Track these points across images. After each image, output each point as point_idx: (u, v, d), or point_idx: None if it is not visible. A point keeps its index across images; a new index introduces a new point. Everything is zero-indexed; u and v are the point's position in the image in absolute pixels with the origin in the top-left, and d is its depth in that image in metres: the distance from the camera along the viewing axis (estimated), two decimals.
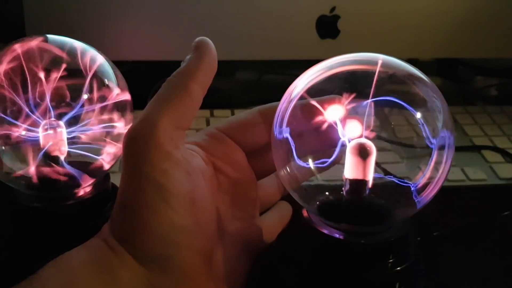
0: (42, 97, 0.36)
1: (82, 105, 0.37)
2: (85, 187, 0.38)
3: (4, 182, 0.38)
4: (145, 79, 0.61)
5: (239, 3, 0.66)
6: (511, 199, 0.53)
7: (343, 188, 0.34)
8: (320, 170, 0.35)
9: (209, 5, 0.65)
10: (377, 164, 0.33)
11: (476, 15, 0.69)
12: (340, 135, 0.33)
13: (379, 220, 0.34)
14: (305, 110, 0.34)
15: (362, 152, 0.32)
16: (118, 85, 0.38)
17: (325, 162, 0.34)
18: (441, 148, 0.33)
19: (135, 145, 0.32)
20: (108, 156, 0.39)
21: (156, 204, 0.31)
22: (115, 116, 0.38)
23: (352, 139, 0.33)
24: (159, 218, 0.31)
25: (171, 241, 0.31)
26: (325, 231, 0.32)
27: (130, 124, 0.39)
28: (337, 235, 0.32)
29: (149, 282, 0.31)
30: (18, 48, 0.37)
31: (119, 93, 0.38)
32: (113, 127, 0.38)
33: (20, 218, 0.37)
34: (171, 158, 0.32)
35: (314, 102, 0.33)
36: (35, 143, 0.37)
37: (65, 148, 0.37)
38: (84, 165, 0.38)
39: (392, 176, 0.34)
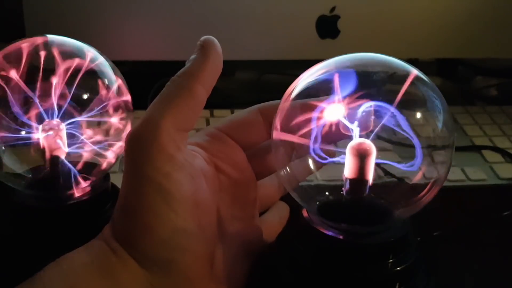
0: (42, 97, 0.36)
1: (83, 106, 0.37)
2: (85, 187, 0.38)
3: (4, 182, 0.38)
4: (145, 79, 0.61)
5: (239, 3, 0.66)
6: (511, 199, 0.53)
7: (343, 188, 0.34)
8: (318, 167, 0.35)
9: (209, 5, 0.65)
10: (377, 164, 0.33)
11: (476, 15, 0.69)
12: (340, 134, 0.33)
13: (379, 220, 0.34)
14: (304, 110, 0.34)
15: (362, 152, 0.32)
16: (118, 85, 0.38)
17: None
18: (441, 148, 0.33)
19: (137, 147, 0.31)
20: (108, 156, 0.39)
21: (158, 208, 0.31)
22: (115, 116, 0.38)
23: (352, 139, 0.33)
24: (162, 222, 0.31)
25: (173, 244, 0.31)
26: (325, 231, 0.32)
27: (131, 125, 0.39)
28: (337, 235, 0.32)
29: (151, 285, 0.31)
30: (18, 48, 0.37)
31: (119, 94, 0.38)
32: (113, 127, 0.38)
33: (20, 218, 0.37)
34: (174, 160, 0.31)
35: (314, 102, 0.33)
36: (35, 143, 0.37)
37: (65, 148, 0.37)
38: (84, 165, 0.38)
39: (391, 176, 0.34)
